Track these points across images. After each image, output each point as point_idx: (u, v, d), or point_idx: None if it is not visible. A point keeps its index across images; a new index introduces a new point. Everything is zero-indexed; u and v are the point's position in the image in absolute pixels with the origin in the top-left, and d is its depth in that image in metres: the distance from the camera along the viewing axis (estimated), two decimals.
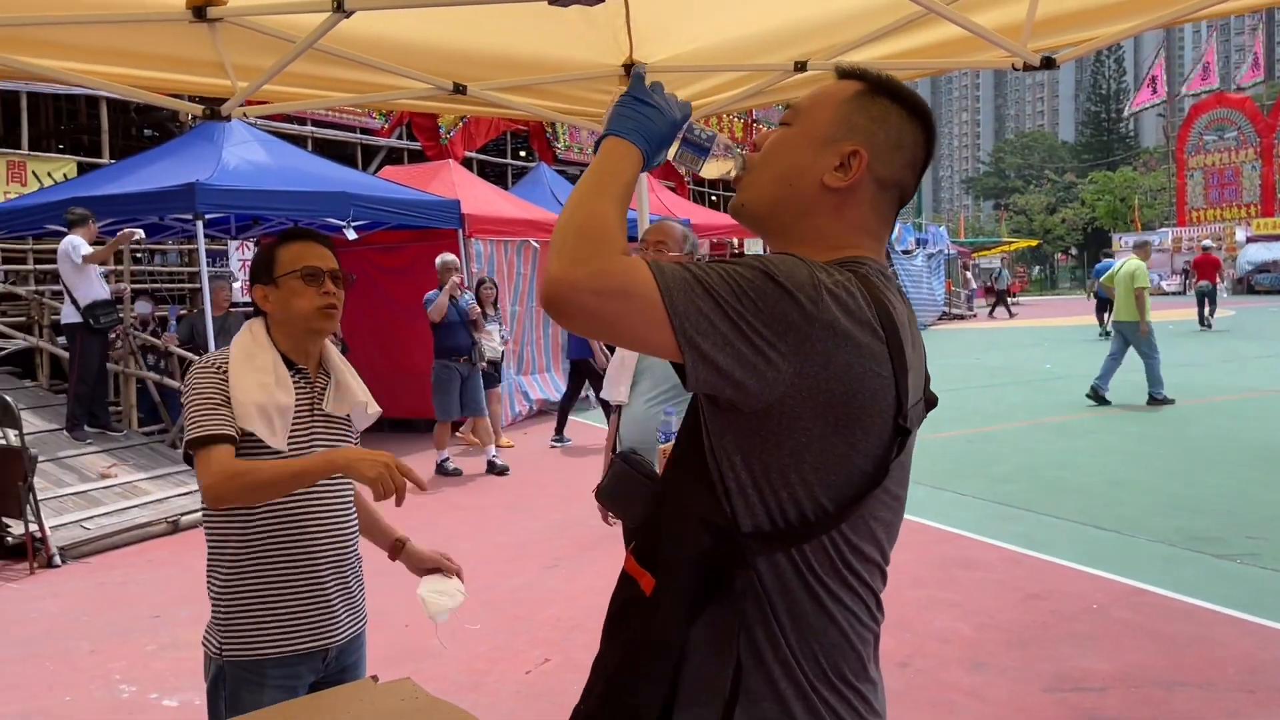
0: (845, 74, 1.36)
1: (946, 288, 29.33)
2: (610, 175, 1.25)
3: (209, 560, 2.12)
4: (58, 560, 6.02)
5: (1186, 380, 12.42)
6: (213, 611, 2.10)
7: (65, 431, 7.75)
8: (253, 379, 2.05)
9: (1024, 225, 65.64)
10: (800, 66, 3.09)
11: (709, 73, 3.40)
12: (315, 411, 2.15)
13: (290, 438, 2.07)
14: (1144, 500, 6.56)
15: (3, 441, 6.17)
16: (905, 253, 24.44)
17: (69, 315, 7.69)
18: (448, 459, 8.58)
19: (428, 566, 2.39)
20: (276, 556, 2.07)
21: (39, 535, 5.99)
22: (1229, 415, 9.90)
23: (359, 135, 15.79)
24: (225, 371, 2.06)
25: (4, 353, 9.64)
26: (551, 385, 11.74)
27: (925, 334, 23.12)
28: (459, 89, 3.07)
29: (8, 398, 6.25)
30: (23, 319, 10.34)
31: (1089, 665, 3.92)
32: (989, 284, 35.85)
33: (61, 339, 8.75)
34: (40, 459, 6.59)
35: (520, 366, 11.32)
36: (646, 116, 1.29)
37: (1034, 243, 57.47)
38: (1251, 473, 7.20)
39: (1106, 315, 20.99)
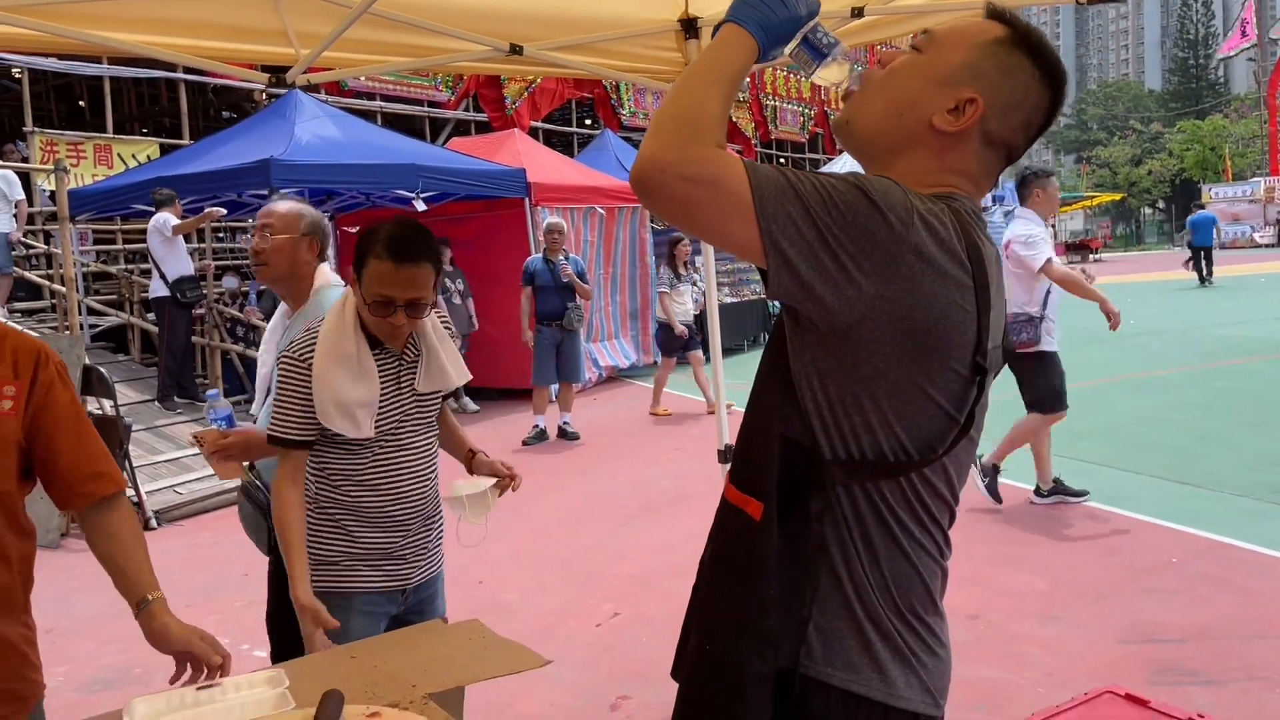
0: (993, 13, 1.32)
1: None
2: (720, 64, 1.23)
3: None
4: (154, 523, 6.31)
5: (1276, 333, 11.92)
6: (310, 551, 2.22)
7: (157, 402, 8.09)
8: (334, 374, 2.12)
9: (1107, 179, 63.31)
10: (857, 13, 3.04)
11: None
12: (405, 388, 2.22)
13: (381, 418, 2.17)
14: (1228, 455, 6.35)
15: (99, 411, 6.47)
16: (983, 210, 23.84)
17: (157, 290, 8.01)
18: (541, 426, 8.49)
19: (484, 472, 2.46)
20: (359, 504, 2.21)
21: (136, 500, 6.29)
22: None
23: (426, 109, 15.98)
24: (309, 365, 2.14)
25: (99, 329, 10.10)
26: (620, 352, 11.81)
27: None
28: (515, 49, 3.10)
29: (102, 370, 6.55)
30: (114, 296, 10.80)
31: (1166, 618, 3.84)
32: (1066, 242, 34.73)
33: (151, 314, 9.12)
34: (135, 428, 6.91)
35: (590, 333, 11.40)
36: (769, 6, 1.26)
37: (1118, 196, 55.35)
38: None
39: (1203, 266, 20.40)
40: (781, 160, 25.34)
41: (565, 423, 8.60)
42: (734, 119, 22.37)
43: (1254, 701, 3.13)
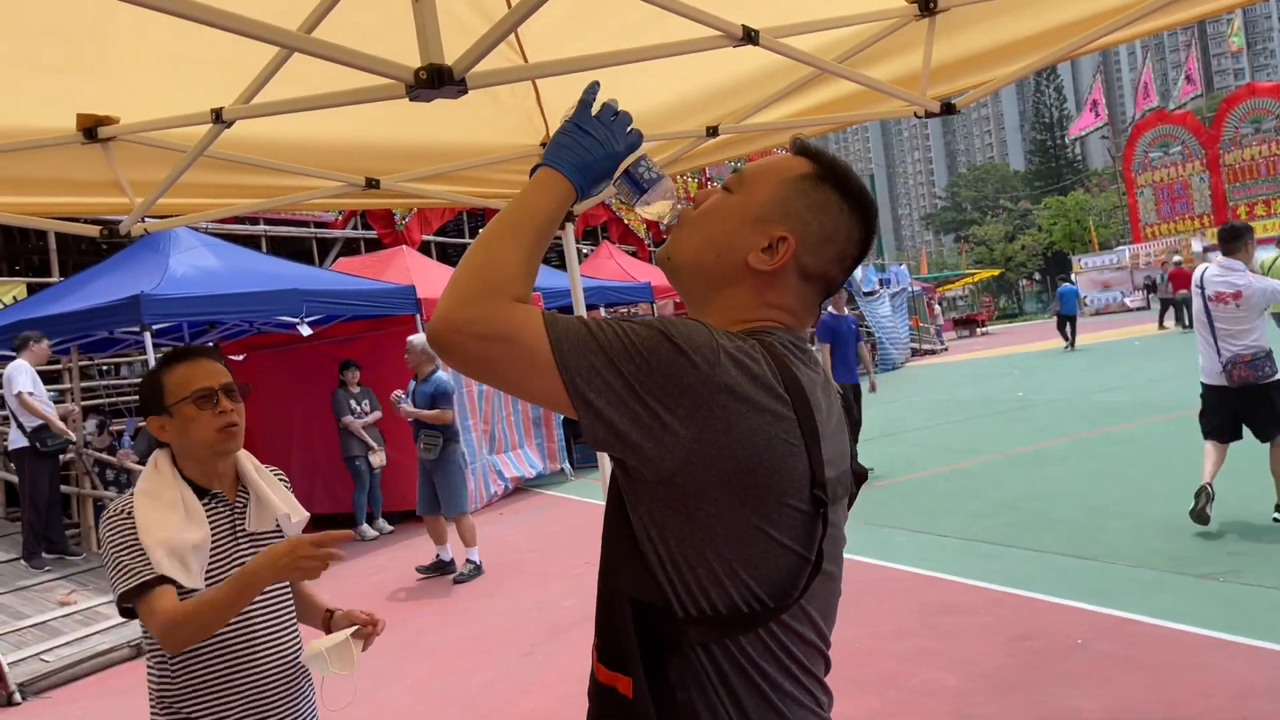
0: (800, 150, 1.33)
1: (913, 324, 29.56)
2: (529, 211, 1.21)
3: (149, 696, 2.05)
4: (18, 697, 5.77)
5: (1158, 396, 12.47)
6: None
7: (22, 561, 7.53)
8: (158, 520, 1.97)
9: (985, 255, 66.57)
10: (712, 131, 3.08)
11: None
12: (239, 534, 2.09)
13: (213, 566, 2.02)
14: (1122, 525, 6.49)
15: None
16: (869, 294, 24.62)
17: (16, 441, 7.52)
18: (443, 558, 7.78)
19: (343, 624, 2.20)
20: (204, 682, 2.00)
21: None
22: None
23: (313, 229, 15.82)
24: (130, 515, 1.98)
25: None
26: (525, 462, 11.60)
27: (897, 375, 23.25)
28: (372, 184, 3.03)
29: None
30: None
31: (1077, 705, 3.81)
32: (955, 317, 36.16)
33: (13, 465, 8.55)
34: None
35: (493, 445, 11.19)
36: (584, 146, 1.25)
37: (997, 272, 58.29)
38: (1226, 486, 7.15)
39: (1068, 332, 22.61)
40: None
41: (456, 559, 7.71)
42: (625, 221, 22.80)
43: None
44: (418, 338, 7.96)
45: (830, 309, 9.74)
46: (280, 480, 2.25)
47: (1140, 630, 4.57)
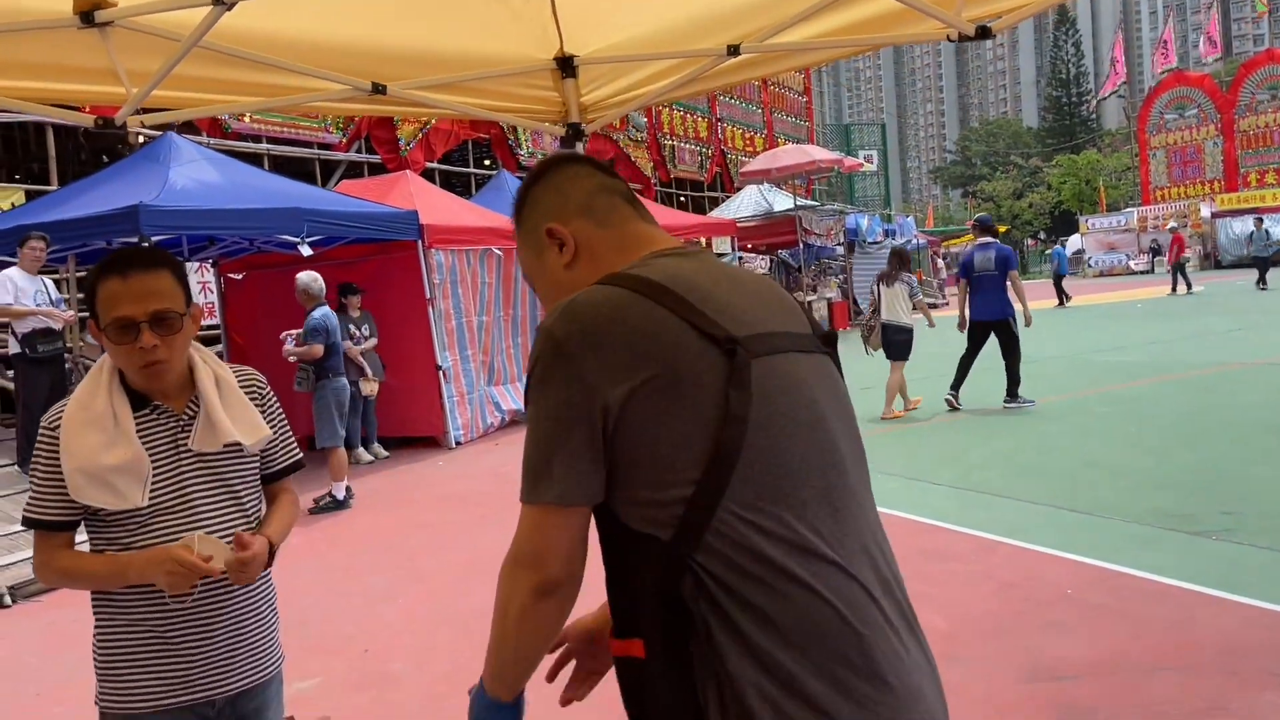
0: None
1: (918, 277, 29.41)
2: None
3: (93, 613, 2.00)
4: (7, 600, 5.81)
5: (1158, 357, 12.44)
6: (93, 662, 1.98)
7: (16, 467, 7.53)
8: (78, 440, 1.87)
9: (992, 212, 66.04)
10: (734, 50, 2.97)
11: (642, 61, 3.28)
12: (182, 451, 1.95)
13: (155, 484, 1.90)
14: (1118, 481, 6.49)
15: None
16: (874, 243, 24.45)
17: (12, 347, 7.47)
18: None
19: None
20: (152, 610, 1.92)
21: None
22: (1202, 390, 9.88)
23: (316, 151, 15.59)
24: (58, 431, 1.88)
25: None
26: (523, 396, 11.58)
27: None
28: (378, 89, 2.92)
29: None
30: None
31: (1065, 653, 3.82)
32: (956, 274, 35.97)
33: (10, 372, 8.52)
34: None
35: (491, 377, 11.16)
36: None
37: (1002, 229, 57.80)
38: (1226, 448, 7.16)
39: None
40: (681, 200, 25.58)
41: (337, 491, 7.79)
42: (633, 159, 22.53)
43: None
44: (304, 275, 8.20)
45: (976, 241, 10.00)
46: (252, 388, 2.09)
47: (1131, 583, 4.58)
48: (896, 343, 9.98)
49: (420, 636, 4.74)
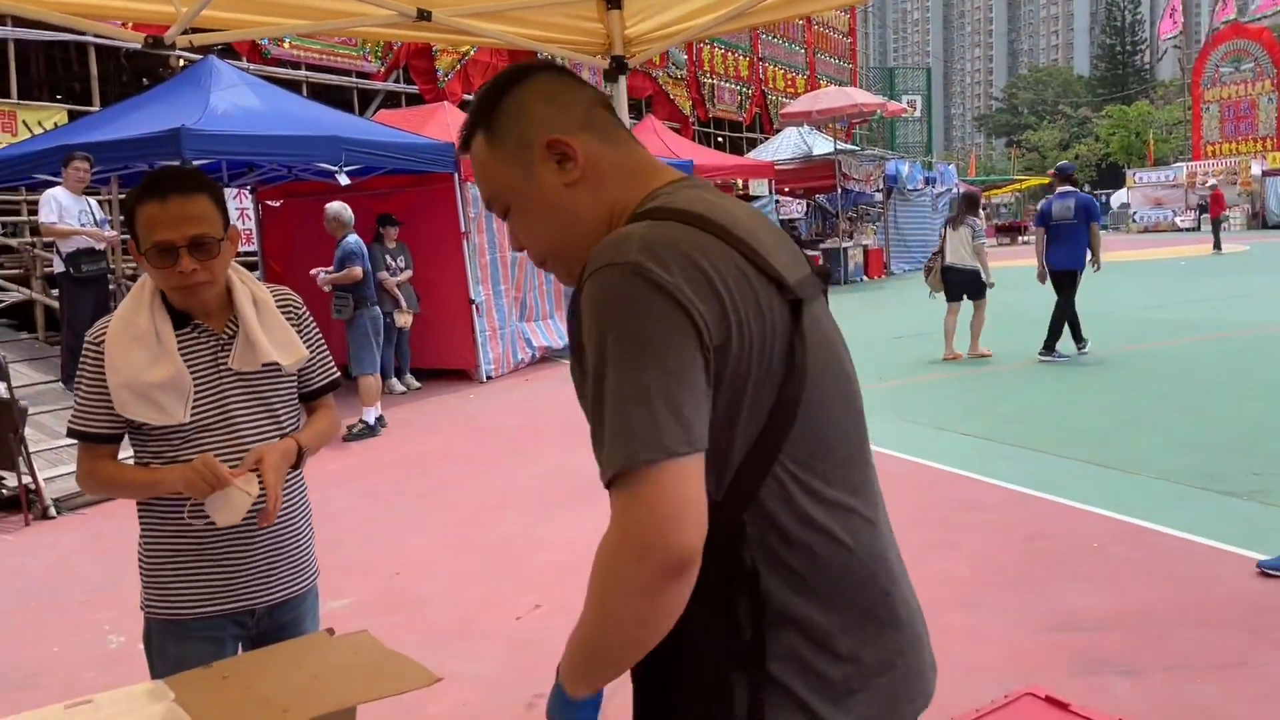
0: (463, 143, 1.31)
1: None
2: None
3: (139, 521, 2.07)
4: (53, 512, 6.00)
5: (1198, 315, 12.23)
6: (139, 569, 2.06)
7: (60, 383, 7.71)
8: (122, 357, 1.92)
9: (1037, 162, 64.66)
10: None
11: None
12: (223, 370, 2.00)
13: (196, 400, 1.95)
14: (1150, 438, 6.45)
15: None
16: (914, 190, 24.06)
17: (57, 266, 7.59)
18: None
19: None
20: (190, 521, 1.98)
21: (33, 487, 5.96)
22: (1241, 350, 9.74)
23: (355, 80, 15.51)
24: (102, 347, 1.94)
25: (1, 305, 9.60)
26: (555, 332, 11.63)
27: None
28: (424, 15, 2.90)
29: None
30: (19, 271, 10.27)
31: (1087, 605, 3.84)
32: (998, 224, 35.39)
33: (56, 290, 8.67)
34: (36, 411, 6.56)
35: (523, 313, 11.20)
36: None
37: (1046, 180, 56.62)
38: (1260, 408, 7.07)
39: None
40: (719, 140, 25.26)
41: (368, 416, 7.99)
42: (671, 97, 22.23)
43: (1173, 691, 3.13)
44: (334, 204, 8.30)
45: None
46: (289, 308, 2.13)
47: (1157, 539, 4.58)
48: (957, 285, 10.00)
49: (449, 562, 4.85)
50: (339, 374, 2.28)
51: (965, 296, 9.99)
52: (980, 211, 10.50)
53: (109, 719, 1.45)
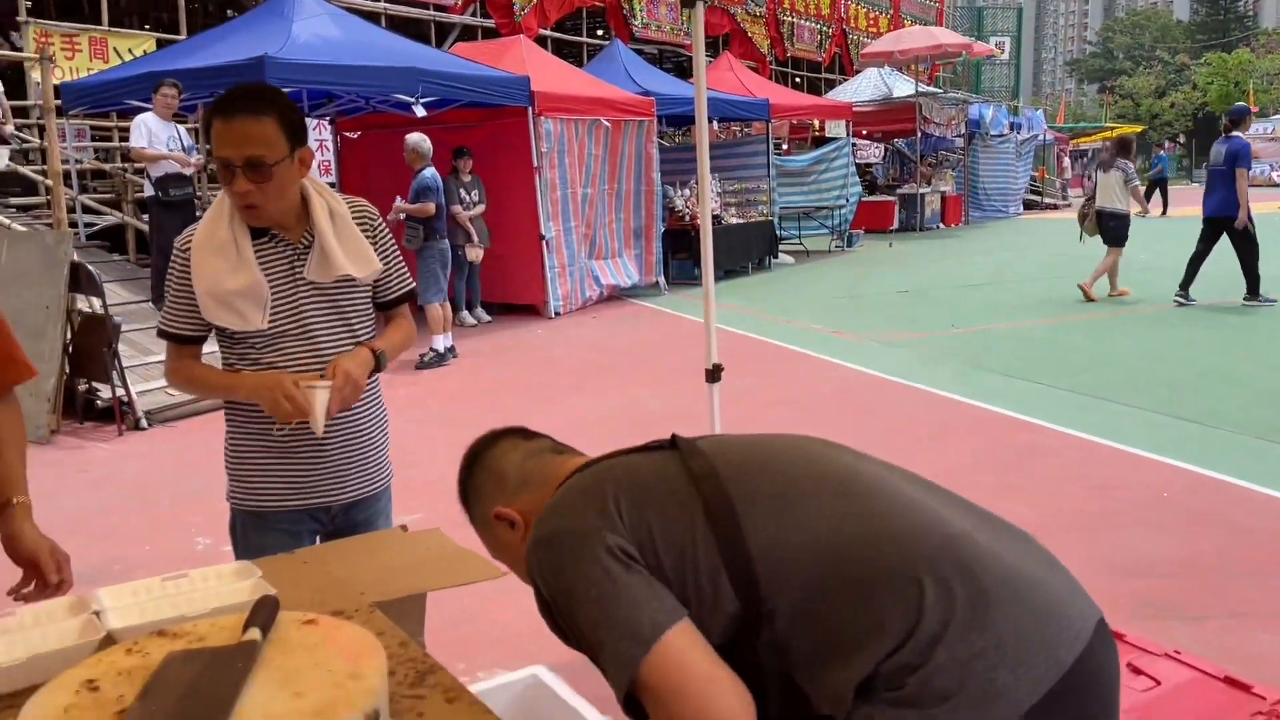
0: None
1: (1040, 175, 27.98)
2: None
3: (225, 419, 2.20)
4: (144, 423, 6.29)
5: None
6: (225, 464, 2.18)
7: (151, 303, 8.01)
8: (205, 265, 2.00)
9: (1129, 110, 61.85)
10: None
11: None
12: (299, 280, 2.06)
13: (274, 310, 2.03)
14: (1231, 392, 6.26)
15: (88, 309, 6.40)
16: (997, 136, 23.28)
17: (147, 190, 7.85)
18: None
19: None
20: (269, 424, 2.09)
21: (126, 400, 6.25)
22: None
23: (432, 13, 15.51)
24: (188, 254, 2.03)
25: (95, 228, 9.96)
26: (623, 271, 11.65)
27: (1012, 224, 22.28)
28: None
29: (91, 268, 6.45)
30: (111, 196, 10.63)
31: (1154, 552, 3.80)
32: (1083, 174, 34.09)
33: (146, 215, 8.98)
34: (128, 328, 6.84)
35: (592, 250, 11.23)
36: None
37: (1139, 129, 54.28)
38: None
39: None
40: (796, 80, 24.73)
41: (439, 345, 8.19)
42: (749, 35, 21.77)
43: (1234, 640, 3.10)
44: (413, 135, 8.41)
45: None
46: (364, 219, 2.15)
47: (1232, 491, 4.48)
48: (1111, 228, 9.97)
49: None
50: (414, 283, 2.35)
51: (1111, 240, 10.02)
52: (1131, 155, 10.38)
53: (202, 589, 1.56)
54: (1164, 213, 22.68)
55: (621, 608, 1.12)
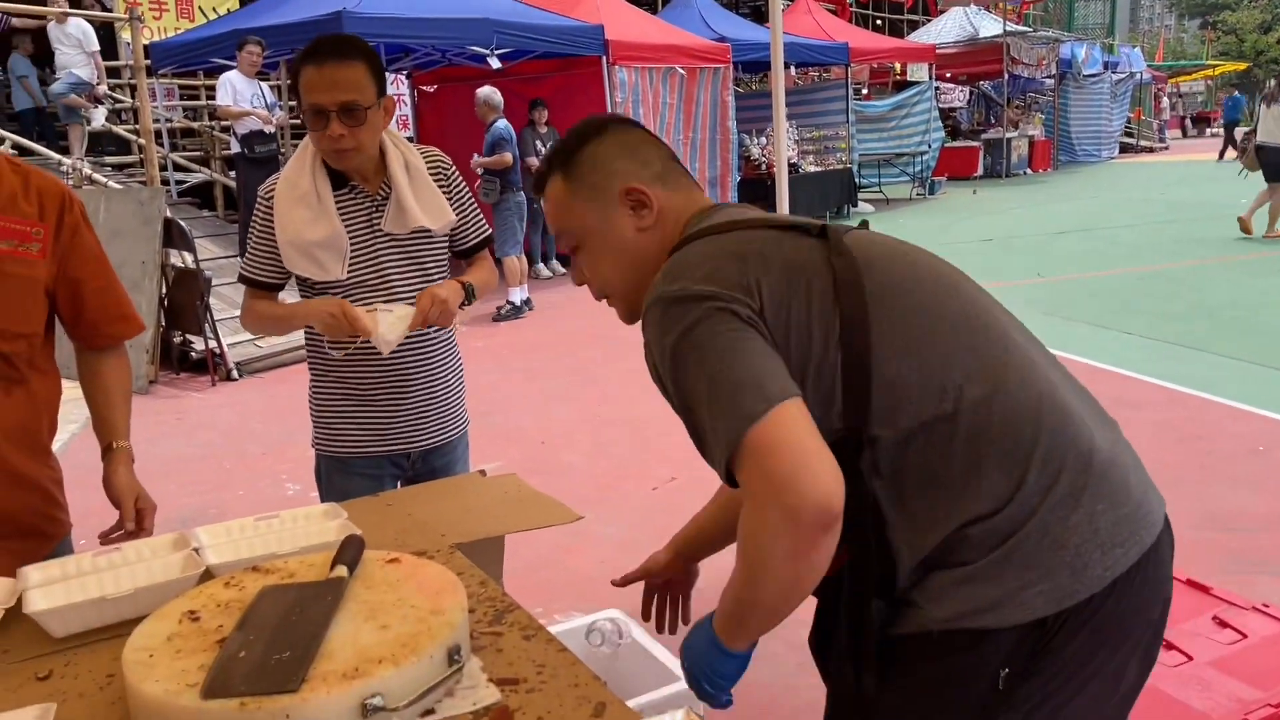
0: (538, 184, 1.44)
1: (1136, 116, 26.75)
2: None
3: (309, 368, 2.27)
4: (235, 374, 6.54)
5: None
6: (309, 412, 2.26)
7: (239, 258, 8.27)
8: (288, 215, 2.05)
9: (1233, 46, 58.56)
10: None
11: None
12: (376, 231, 2.11)
13: (353, 261, 2.08)
14: None
15: (181, 264, 6.64)
16: (1091, 76, 22.30)
17: (234, 147, 8.06)
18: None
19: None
20: (355, 371, 2.16)
21: (218, 351, 6.50)
22: None
23: None
24: (271, 203, 2.08)
25: (185, 185, 10.29)
26: None
27: (1105, 168, 21.48)
28: None
29: (183, 223, 6.68)
30: (200, 153, 10.95)
31: (1244, 507, 3.68)
32: (1182, 115, 32.52)
33: (233, 171, 9.23)
34: (218, 282, 7.08)
35: None
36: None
37: (1243, 66, 51.34)
38: None
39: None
40: (878, 23, 24.02)
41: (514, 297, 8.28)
42: None
43: None
44: (484, 89, 8.50)
45: None
46: (438, 169, 2.18)
47: None
48: (1272, 164, 9.62)
49: (592, 434, 5.05)
50: (490, 230, 2.38)
51: (1272, 175, 9.68)
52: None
53: (292, 529, 1.63)
54: (1221, 157, 21.57)
55: (745, 371, 1.10)
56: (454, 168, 2.25)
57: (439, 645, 1.10)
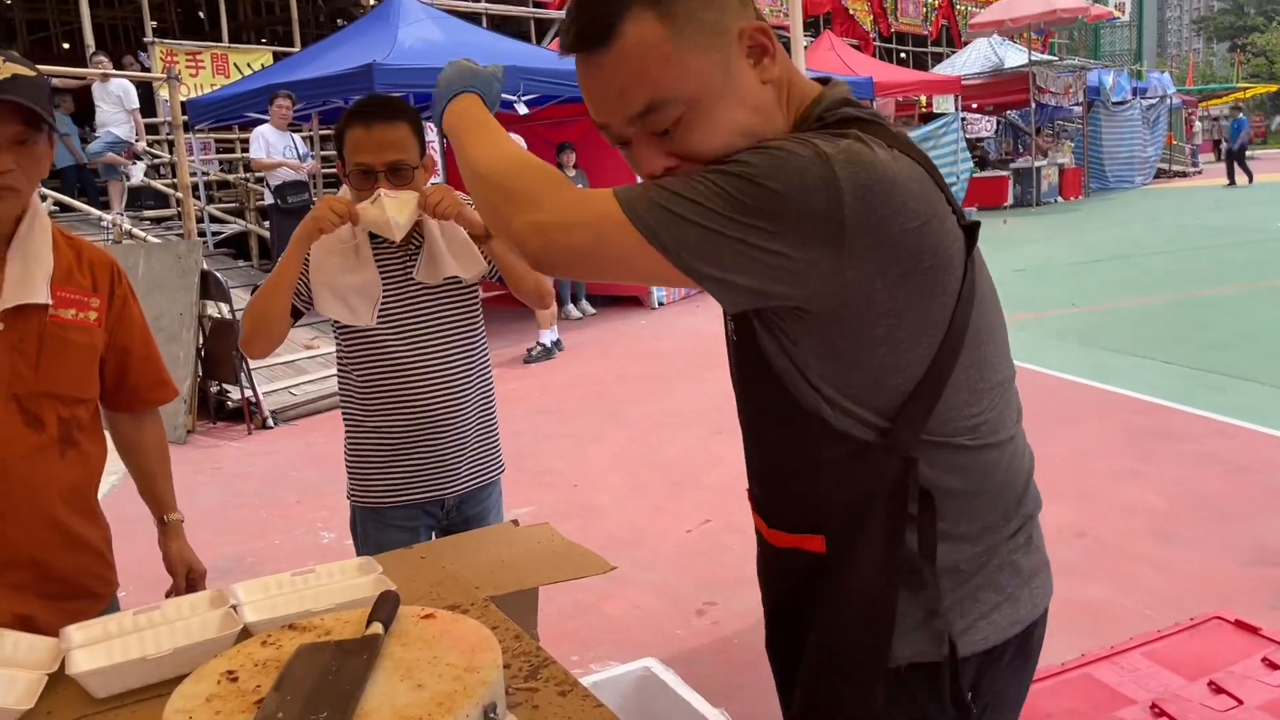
0: (603, 29, 1.04)
1: (1167, 141, 26.53)
2: (488, 125, 1.29)
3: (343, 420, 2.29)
4: (271, 422, 6.60)
5: None
6: (344, 463, 2.28)
7: None
8: (325, 260, 2.08)
9: (1263, 69, 58.11)
10: None
11: None
12: (409, 280, 2.14)
13: (385, 309, 2.11)
14: None
15: (216, 315, 6.74)
16: (1119, 104, 22.18)
17: (267, 198, 8.22)
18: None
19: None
20: (387, 419, 2.17)
21: (254, 400, 6.57)
22: None
23: (531, 9, 15.72)
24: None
25: (221, 236, 10.49)
26: None
27: (1138, 194, 21.29)
28: None
29: (219, 275, 6.79)
30: (235, 205, 11.17)
31: None
32: (1215, 139, 32.21)
33: (267, 222, 9.40)
34: None
35: None
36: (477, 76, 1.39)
37: (1274, 88, 50.85)
38: None
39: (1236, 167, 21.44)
40: (901, 56, 24.12)
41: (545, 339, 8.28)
42: (851, 12, 21.32)
43: None
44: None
45: None
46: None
47: None
48: None
49: (623, 476, 5.03)
50: None
51: None
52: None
53: (328, 584, 1.63)
54: (1231, 182, 21.41)
55: (700, 212, 0.98)
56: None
57: (474, 704, 1.09)
